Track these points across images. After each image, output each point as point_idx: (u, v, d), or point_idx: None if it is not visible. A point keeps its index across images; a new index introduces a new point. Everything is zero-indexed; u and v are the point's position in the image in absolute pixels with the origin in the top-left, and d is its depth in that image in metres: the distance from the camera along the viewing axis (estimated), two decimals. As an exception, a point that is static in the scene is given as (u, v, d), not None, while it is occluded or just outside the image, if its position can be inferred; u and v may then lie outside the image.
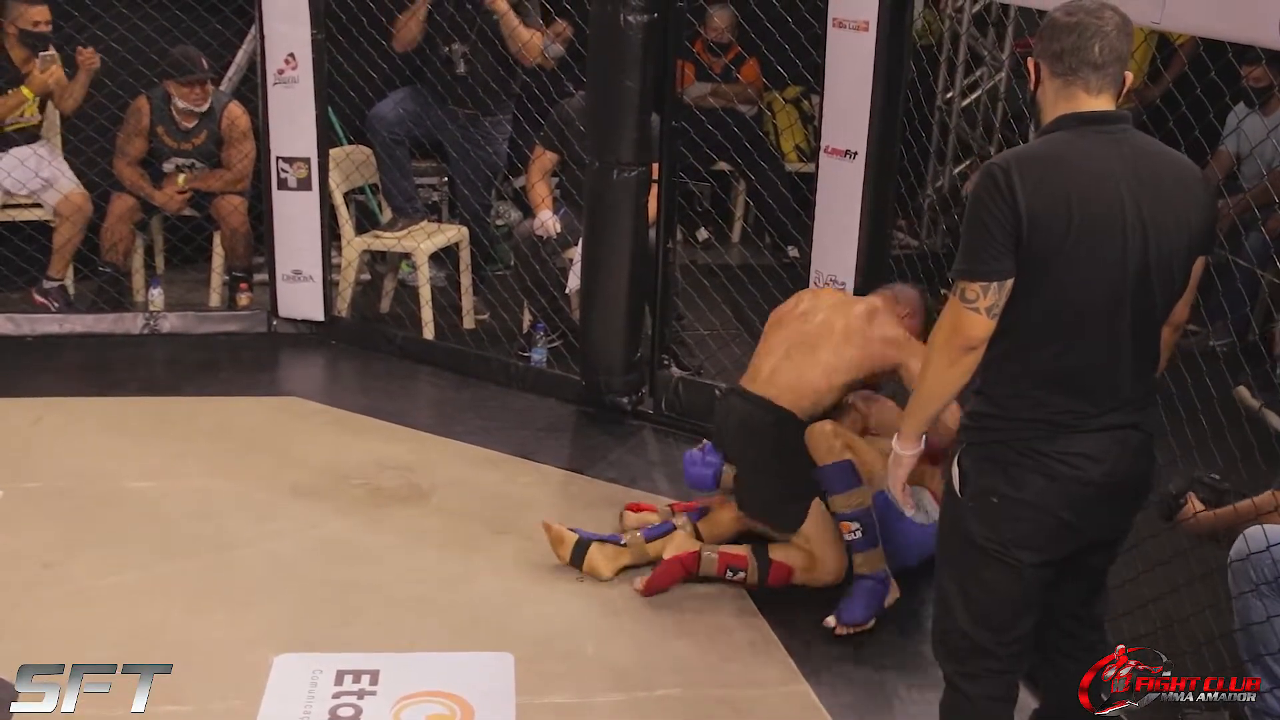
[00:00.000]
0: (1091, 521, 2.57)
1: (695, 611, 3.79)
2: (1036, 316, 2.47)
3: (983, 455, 2.56)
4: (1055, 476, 2.50)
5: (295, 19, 5.54)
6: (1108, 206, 2.42)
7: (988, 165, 2.47)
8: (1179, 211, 2.47)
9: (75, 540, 4.01)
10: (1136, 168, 2.45)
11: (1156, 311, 2.52)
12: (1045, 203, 2.40)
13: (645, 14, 4.58)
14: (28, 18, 5.60)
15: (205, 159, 5.92)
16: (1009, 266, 2.42)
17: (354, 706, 3.26)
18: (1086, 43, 2.45)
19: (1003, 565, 2.56)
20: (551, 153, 5.61)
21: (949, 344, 2.49)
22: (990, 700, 2.66)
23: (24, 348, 5.69)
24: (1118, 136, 2.47)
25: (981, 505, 2.56)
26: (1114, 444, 2.52)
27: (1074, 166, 2.44)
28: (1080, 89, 2.48)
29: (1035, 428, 2.50)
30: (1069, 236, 2.41)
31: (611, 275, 4.86)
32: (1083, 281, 2.43)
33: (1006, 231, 2.41)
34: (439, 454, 4.76)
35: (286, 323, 5.96)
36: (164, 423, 4.94)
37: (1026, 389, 2.51)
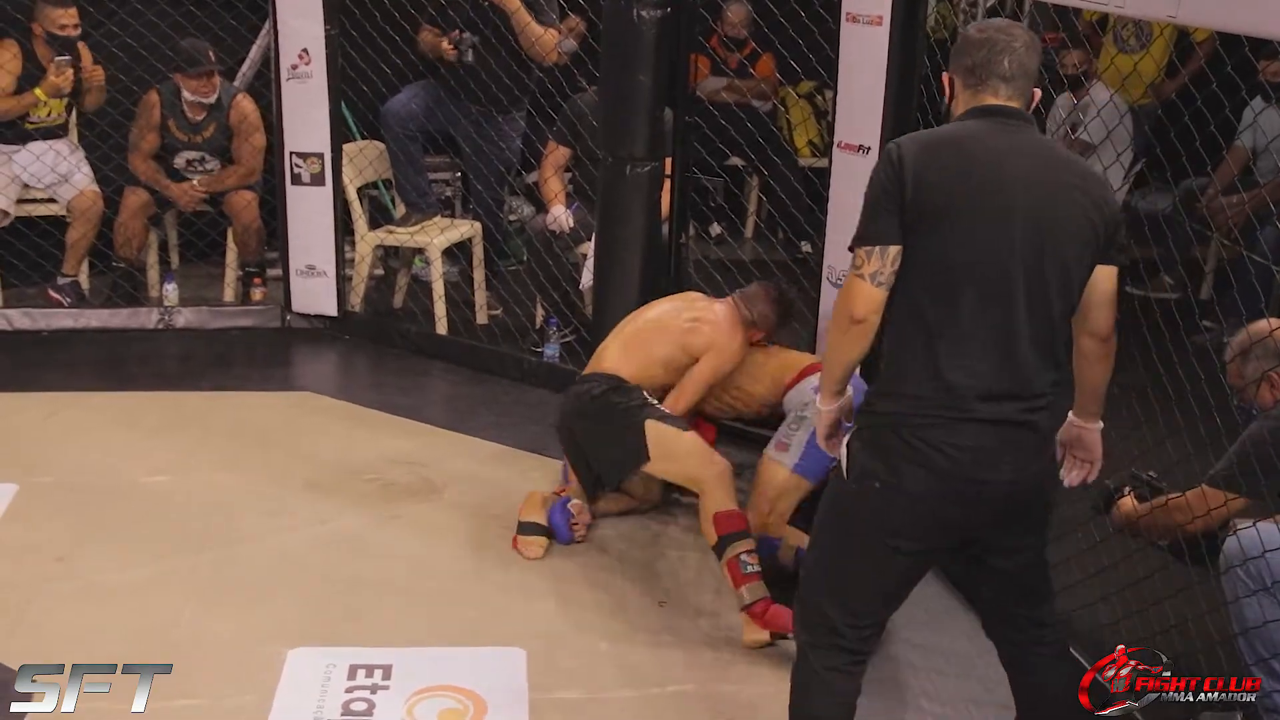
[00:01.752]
0: (973, 518, 2.57)
1: (708, 608, 3.78)
2: (927, 296, 2.50)
3: (869, 439, 2.59)
4: (934, 468, 2.50)
5: (309, 14, 5.54)
6: (996, 183, 2.47)
7: (886, 145, 2.56)
8: (1073, 208, 2.50)
9: (88, 534, 4.03)
10: (1034, 161, 2.51)
11: (1052, 303, 2.51)
12: (931, 173, 2.47)
13: (659, 9, 4.57)
14: (54, 20, 5.62)
15: (215, 152, 5.93)
16: (894, 234, 2.48)
17: (367, 701, 3.27)
18: (996, 56, 2.56)
19: (875, 551, 2.59)
20: (564, 148, 5.61)
21: (841, 313, 2.55)
22: (830, 670, 2.68)
23: (39, 342, 5.71)
24: (1015, 129, 2.55)
25: (862, 489, 2.58)
26: (1000, 441, 2.52)
27: (967, 146, 2.52)
28: (988, 94, 2.58)
29: (921, 413, 2.51)
30: (954, 205, 2.46)
31: (624, 271, 4.85)
32: (968, 251, 2.47)
33: (893, 199, 2.48)
34: (451, 449, 4.77)
35: (300, 318, 5.97)
36: (177, 417, 4.95)
37: (914, 371, 2.52)
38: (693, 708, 3.31)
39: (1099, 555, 3.55)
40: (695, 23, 4.85)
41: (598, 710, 3.30)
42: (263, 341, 5.89)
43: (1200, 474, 3.52)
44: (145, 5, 5.96)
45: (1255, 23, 2.92)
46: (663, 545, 4.13)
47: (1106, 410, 3.45)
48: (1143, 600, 3.33)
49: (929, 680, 3.44)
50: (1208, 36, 6.23)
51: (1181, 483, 3.51)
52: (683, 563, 4.03)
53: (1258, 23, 2.91)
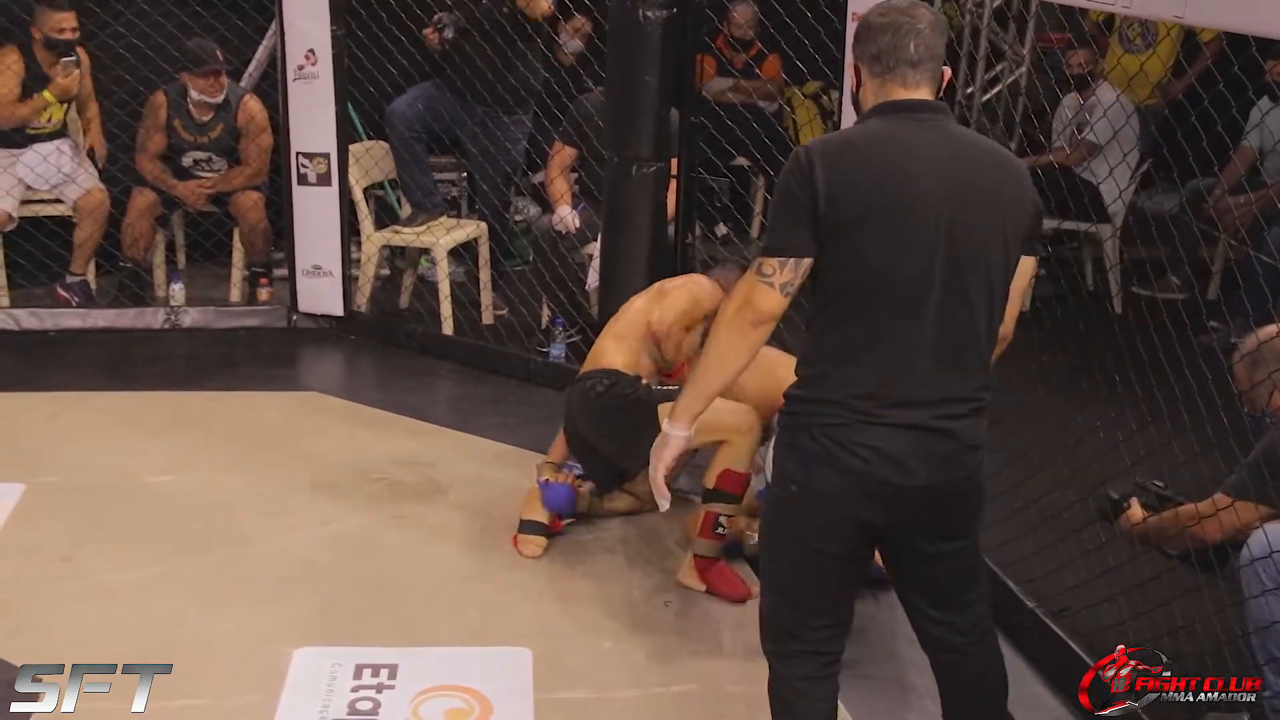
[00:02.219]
0: (897, 522, 2.52)
1: (713, 608, 3.78)
2: (837, 293, 2.45)
3: (787, 440, 2.55)
4: (846, 470, 2.45)
5: (315, 15, 5.55)
6: (907, 189, 2.40)
7: (794, 151, 2.48)
8: (992, 200, 2.45)
9: (94, 534, 4.03)
10: (946, 155, 2.44)
11: (973, 304, 2.44)
12: (842, 181, 2.39)
13: (664, 9, 4.57)
14: (53, 24, 5.63)
15: (222, 152, 5.94)
16: (806, 245, 2.41)
17: (373, 700, 3.27)
18: (901, 40, 2.47)
19: (803, 554, 2.55)
20: (570, 148, 5.61)
21: (739, 316, 2.47)
22: (802, 680, 2.64)
23: (47, 342, 5.73)
24: (928, 124, 2.47)
25: (783, 491, 2.55)
26: (915, 446, 2.45)
27: (876, 149, 2.43)
28: (897, 84, 2.49)
29: (835, 413, 2.45)
30: (865, 214, 2.38)
31: (630, 271, 4.85)
32: (879, 258, 2.40)
33: (805, 209, 2.40)
34: (457, 449, 4.77)
35: (306, 318, 5.97)
36: (183, 417, 4.96)
37: (829, 371, 2.48)
38: (697, 708, 3.31)
39: (1104, 556, 3.54)
40: (701, 23, 4.85)
41: (603, 710, 3.29)
42: (268, 341, 5.89)
43: (1207, 475, 3.52)
44: (152, 6, 5.98)
45: (1262, 23, 2.91)
46: (668, 545, 4.13)
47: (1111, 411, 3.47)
48: (1149, 601, 3.32)
49: (932, 679, 3.43)
50: (1214, 36, 6.23)
51: (1188, 483, 3.50)
52: (688, 562, 4.02)
53: (1265, 23, 2.90)
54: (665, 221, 4.91)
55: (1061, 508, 3.83)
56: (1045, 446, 4.04)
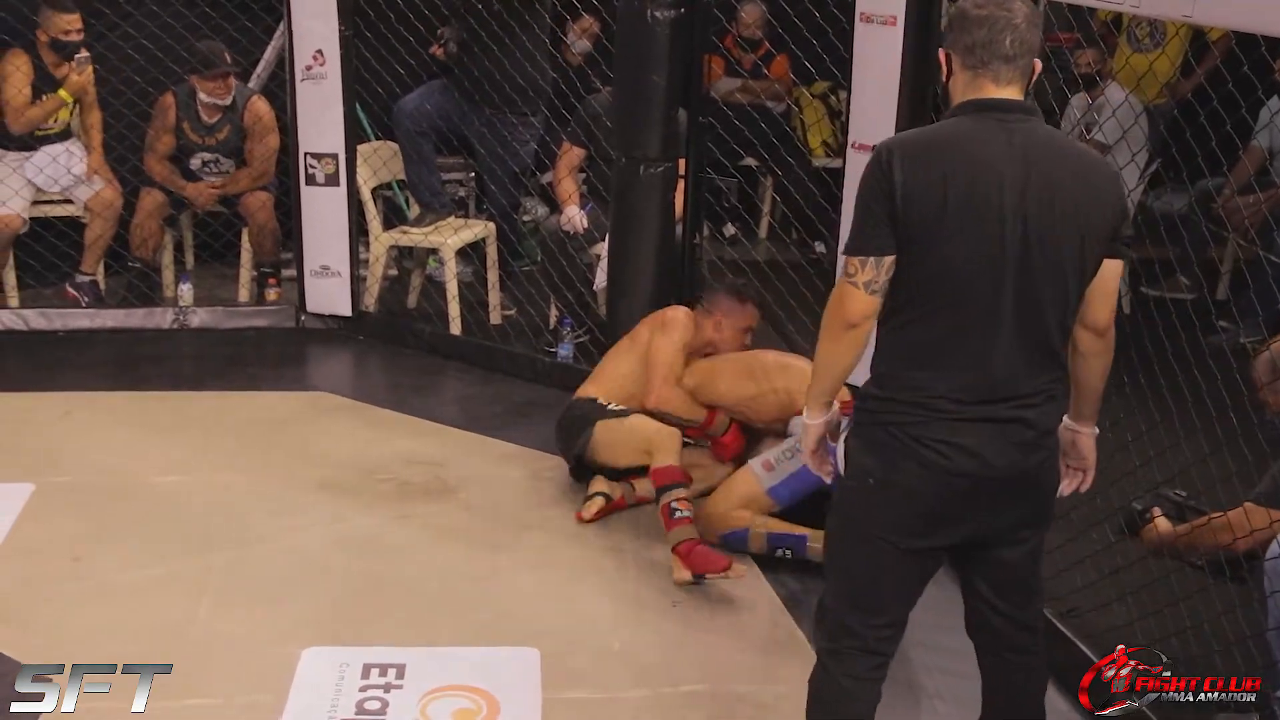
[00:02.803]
0: (970, 514, 2.55)
1: (721, 608, 3.78)
2: (914, 297, 2.47)
3: (863, 436, 2.57)
4: (927, 465, 2.48)
5: (323, 15, 5.55)
6: (986, 190, 2.41)
7: (875, 148, 2.50)
8: (1072, 203, 2.45)
9: (103, 534, 4.04)
10: (1028, 158, 2.44)
11: (1044, 306, 2.47)
12: (920, 182, 2.41)
13: (672, 9, 4.57)
14: (58, 26, 5.63)
15: (229, 153, 5.94)
16: (887, 243, 2.44)
17: (381, 700, 3.27)
18: (998, 35, 2.47)
19: (875, 548, 2.57)
20: (579, 148, 5.61)
21: (832, 320, 2.53)
22: (852, 679, 2.65)
23: (56, 342, 5.73)
24: (1012, 125, 2.47)
25: (859, 486, 2.57)
26: (993, 437, 2.49)
27: (955, 149, 2.45)
28: (989, 80, 2.50)
29: (913, 411, 2.49)
30: (943, 217, 2.41)
31: (638, 271, 4.86)
32: (956, 263, 2.43)
33: (884, 208, 2.43)
34: (465, 449, 4.77)
35: (314, 318, 5.98)
36: (192, 417, 4.97)
37: (906, 370, 2.51)
38: (706, 708, 3.31)
39: (1113, 556, 3.54)
40: (709, 23, 4.85)
41: (611, 710, 3.29)
42: (277, 341, 5.90)
43: (1216, 476, 3.52)
44: (160, 7, 5.98)
45: (1271, 22, 2.91)
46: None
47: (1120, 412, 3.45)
48: (1157, 602, 3.32)
49: (943, 681, 3.43)
50: (1223, 35, 6.21)
51: (1198, 484, 3.50)
52: (696, 563, 4.03)
53: (1273, 22, 2.90)
54: (673, 222, 4.92)
55: (1070, 508, 3.82)
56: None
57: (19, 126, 5.72)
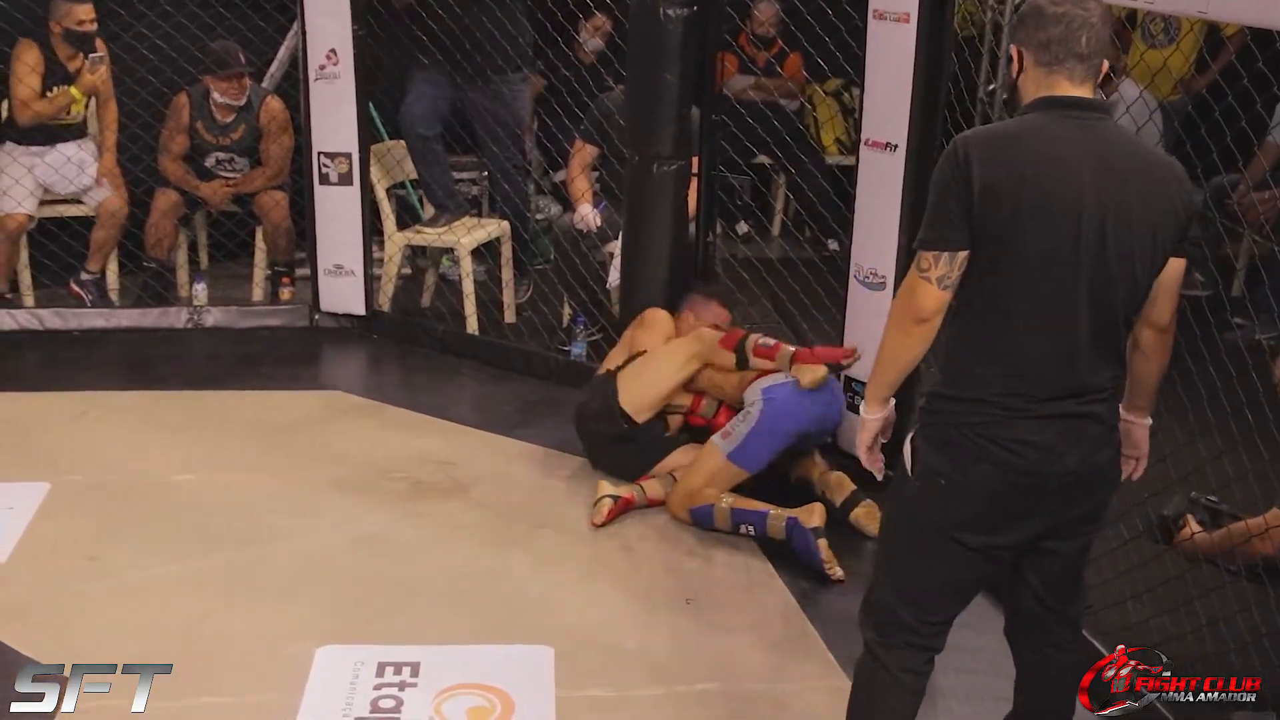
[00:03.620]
0: (1040, 511, 2.55)
1: (735, 606, 3.78)
2: (989, 294, 2.46)
3: (933, 436, 2.56)
4: (1000, 464, 2.48)
5: (337, 14, 5.56)
6: (1063, 188, 2.40)
7: (951, 141, 2.47)
8: (1145, 207, 2.45)
9: (119, 533, 4.05)
10: (1103, 156, 2.44)
11: (1117, 304, 2.48)
12: (998, 177, 2.40)
13: (685, 7, 4.56)
14: (73, 17, 5.64)
15: (244, 153, 5.96)
16: (961, 238, 2.43)
17: (395, 698, 3.28)
18: (1074, 34, 2.46)
19: (942, 547, 2.56)
20: (592, 147, 5.61)
21: (902, 314, 2.51)
22: (905, 671, 2.65)
23: (70, 342, 5.75)
24: (1089, 124, 2.46)
25: (928, 486, 2.55)
26: (1065, 433, 2.49)
27: (1034, 146, 2.43)
28: (1063, 78, 2.49)
29: (984, 410, 2.49)
30: (1019, 211, 2.39)
31: (651, 269, 4.85)
32: (1033, 260, 2.42)
33: (960, 203, 2.42)
34: (479, 448, 4.78)
35: (328, 317, 5.99)
36: (206, 417, 4.98)
37: (977, 369, 2.50)
38: (720, 706, 3.31)
39: (1128, 553, 3.53)
40: (722, 21, 4.84)
41: (625, 708, 3.29)
42: (291, 341, 5.91)
43: (1232, 474, 3.51)
44: (175, 7, 5.99)
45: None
46: (690, 543, 4.13)
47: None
48: (1173, 599, 3.31)
49: (960, 680, 3.42)
50: (1238, 31, 6.18)
51: (1213, 481, 3.48)
52: (710, 561, 4.03)
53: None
54: (686, 220, 4.91)
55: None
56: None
57: (26, 118, 5.73)
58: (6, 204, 5.73)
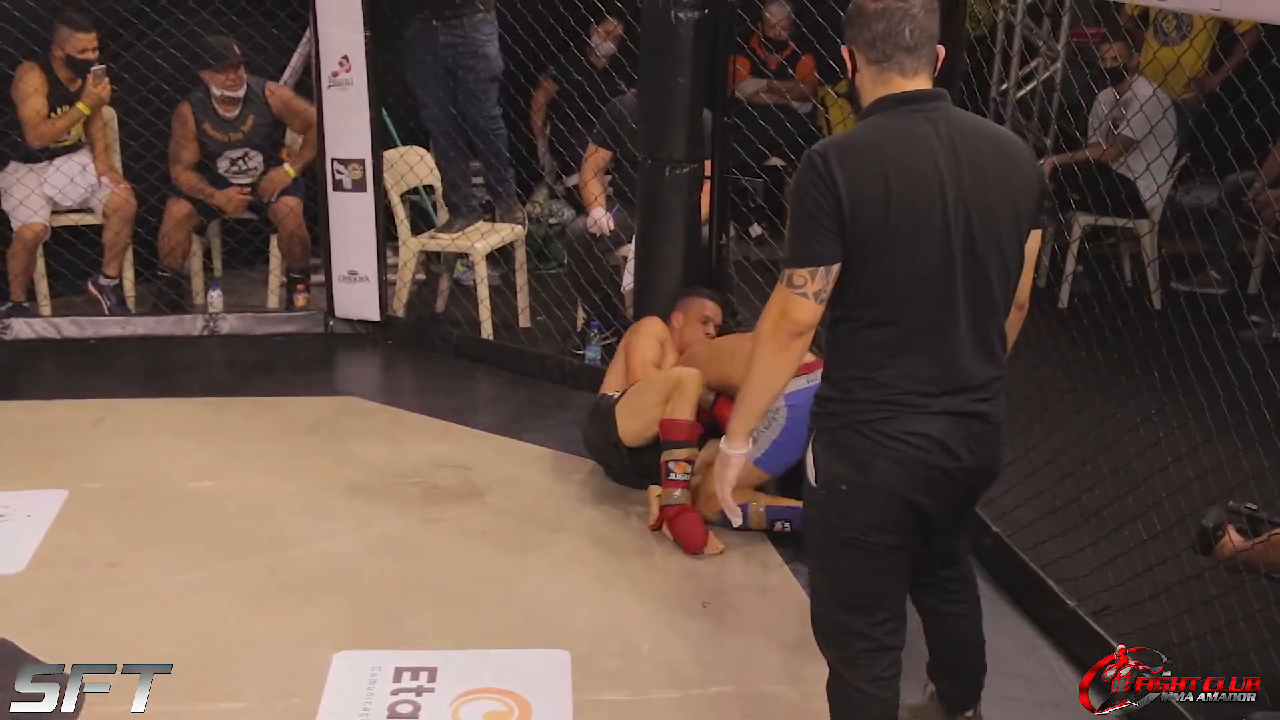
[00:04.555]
0: (936, 504, 2.57)
1: (751, 609, 3.78)
2: (868, 298, 2.47)
3: (830, 441, 2.57)
4: (901, 460, 2.50)
5: (349, 22, 5.58)
6: (925, 184, 2.42)
7: (806, 154, 2.48)
8: (1001, 185, 2.48)
9: (137, 540, 4.07)
10: (954, 144, 2.46)
11: (994, 289, 2.50)
12: (863, 185, 2.41)
13: (696, 10, 4.57)
14: (75, 45, 5.67)
15: (257, 146, 5.98)
16: (835, 251, 2.43)
17: (412, 703, 3.28)
18: (896, 27, 2.49)
19: (861, 551, 2.57)
20: (604, 150, 5.62)
21: (777, 330, 2.50)
22: (874, 681, 2.65)
23: (87, 350, 5.78)
24: (933, 115, 2.49)
25: (832, 493, 2.56)
26: (956, 429, 2.51)
27: (889, 148, 2.45)
28: (895, 73, 2.51)
29: (880, 408, 2.49)
30: (889, 216, 2.41)
31: (665, 272, 4.86)
32: (907, 260, 2.43)
33: (830, 217, 2.42)
34: (494, 452, 4.78)
35: (343, 323, 6.01)
36: (223, 423, 5.00)
37: (864, 371, 2.51)
38: (736, 709, 3.31)
39: (1146, 554, 3.52)
40: (734, 24, 4.84)
41: (642, 711, 3.29)
42: (306, 347, 5.93)
43: (1250, 473, 3.49)
44: (188, 16, 6.02)
45: (1300, 14, 2.88)
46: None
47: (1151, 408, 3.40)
48: (1191, 599, 3.29)
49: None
50: (1251, 27, 6.17)
51: (1231, 481, 3.47)
52: (726, 563, 4.03)
53: (1302, 14, 2.87)
54: (699, 223, 4.92)
55: (1102, 505, 3.81)
56: (1084, 444, 4.02)
57: (37, 141, 5.76)
58: (22, 214, 5.76)
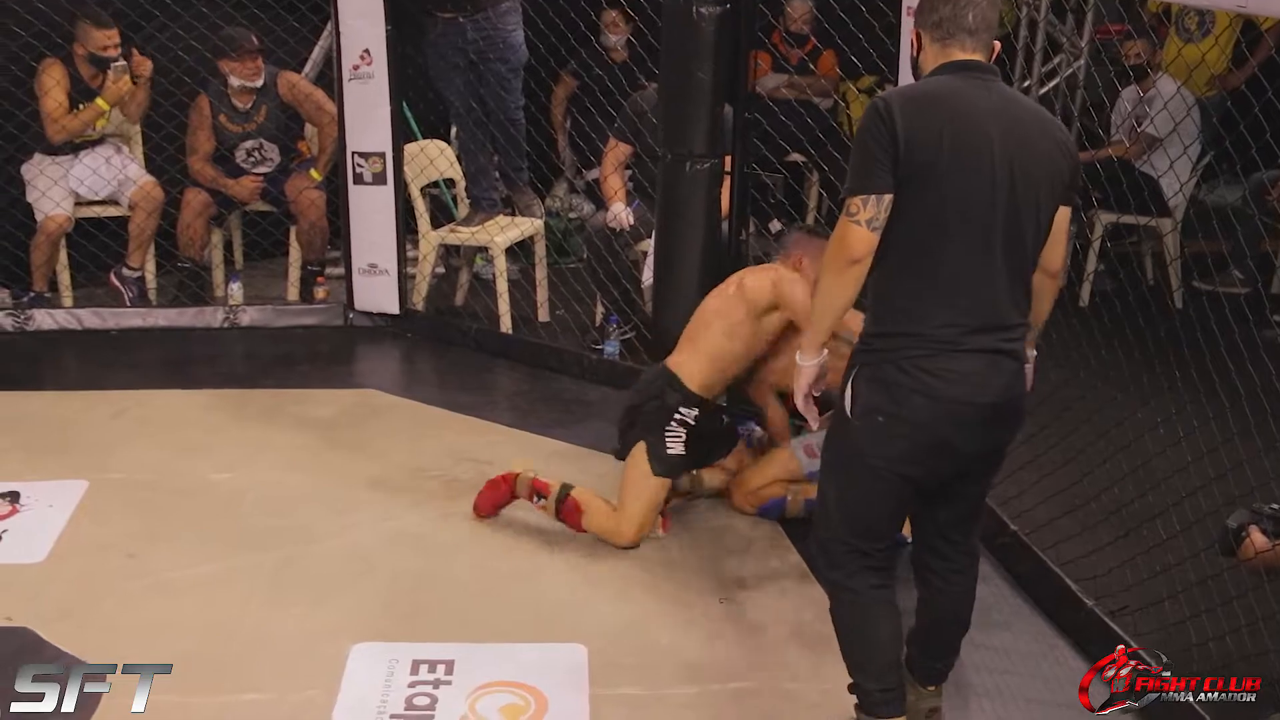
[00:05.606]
0: (969, 441, 2.74)
1: (770, 604, 3.78)
2: (915, 232, 2.66)
3: (870, 375, 2.74)
4: (935, 395, 2.67)
5: (370, 15, 5.59)
6: (976, 136, 2.65)
7: (871, 101, 2.70)
8: (1041, 154, 2.70)
9: (157, 531, 4.08)
10: (1006, 110, 2.70)
11: (1026, 241, 2.71)
12: (920, 128, 2.63)
13: (718, 5, 4.56)
14: (96, 42, 5.69)
15: (272, 137, 5.99)
16: (887, 183, 2.63)
17: (430, 696, 3.29)
18: (961, 11, 2.73)
19: (885, 480, 2.76)
20: (625, 145, 5.61)
21: (836, 257, 2.68)
22: (874, 589, 2.88)
23: (108, 341, 5.81)
24: (988, 83, 2.73)
25: (867, 423, 2.74)
26: (988, 366, 2.70)
27: (947, 101, 2.69)
28: (956, 49, 2.75)
29: (919, 343, 2.68)
30: (941, 158, 2.62)
31: (684, 268, 4.85)
32: (955, 197, 2.63)
33: (885, 152, 2.63)
34: (513, 446, 4.78)
35: (362, 316, 6.02)
36: (243, 415, 5.01)
37: (909, 304, 2.70)
38: (754, 704, 3.31)
39: (1165, 553, 3.51)
40: (755, 19, 4.83)
41: (658, 706, 3.30)
42: (326, 340, 5.95)
43: (1272, 473, 3.47)
44: (210, 9, 6.03)
45: (1325, 11, 2.87)
46: (724, 542, 4.13)
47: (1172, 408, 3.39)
48: (1211, 600, 3.28)
49: (991, 679, 3.41)
50: (1275, 23, 6.13)
51: (1251, 480, 3.45)
52: (744, 560, 4.03)
53: (1328, 11, 2.86)
54: (719, 218, 4.90)
55: (1121, 504, 3.80)
56: (1104, 442, 4.01)
57: (59, 137, 5.78)
58: (46, 205, 5.78)
